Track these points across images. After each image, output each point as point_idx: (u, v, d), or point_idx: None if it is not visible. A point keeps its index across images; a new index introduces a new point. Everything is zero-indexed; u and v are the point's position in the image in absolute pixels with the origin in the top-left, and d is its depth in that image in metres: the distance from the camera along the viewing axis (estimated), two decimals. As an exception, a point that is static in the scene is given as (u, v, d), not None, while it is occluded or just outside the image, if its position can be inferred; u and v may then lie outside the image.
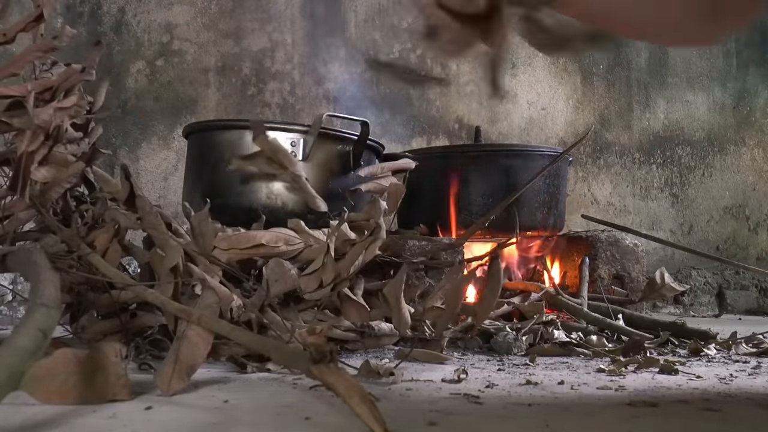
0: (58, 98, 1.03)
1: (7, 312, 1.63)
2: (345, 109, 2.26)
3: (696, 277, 2.77)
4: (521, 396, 0.69)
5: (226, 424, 0.55)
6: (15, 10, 1.85)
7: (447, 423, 0.55)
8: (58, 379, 0.58)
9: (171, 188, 2.10)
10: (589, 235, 1.70)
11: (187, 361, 0.69)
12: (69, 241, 0.92)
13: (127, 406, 0.60)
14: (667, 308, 2.63)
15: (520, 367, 0.92)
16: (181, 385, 0.67)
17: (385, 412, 0.50)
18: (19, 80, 1.05)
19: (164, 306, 0.78)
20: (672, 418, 0.60)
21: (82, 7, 2.08)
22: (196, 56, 2.19)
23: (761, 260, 3.00)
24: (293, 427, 0.54)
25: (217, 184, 1.41)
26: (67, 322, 1.03)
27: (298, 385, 0.73)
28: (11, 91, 0.97)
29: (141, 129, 2.11)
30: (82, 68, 1.08)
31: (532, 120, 2.65)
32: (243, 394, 0.67)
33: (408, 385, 0.75)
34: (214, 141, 1.44)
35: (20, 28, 1.05)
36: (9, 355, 0.50)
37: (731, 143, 2.95)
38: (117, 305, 0.96)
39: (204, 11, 2.21)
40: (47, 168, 0.99)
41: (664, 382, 0.80)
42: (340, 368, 0.54)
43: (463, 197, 1.60)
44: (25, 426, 0.53)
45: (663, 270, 1.22)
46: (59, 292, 0.65)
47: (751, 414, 0.63)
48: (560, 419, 0.58)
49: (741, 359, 1.03)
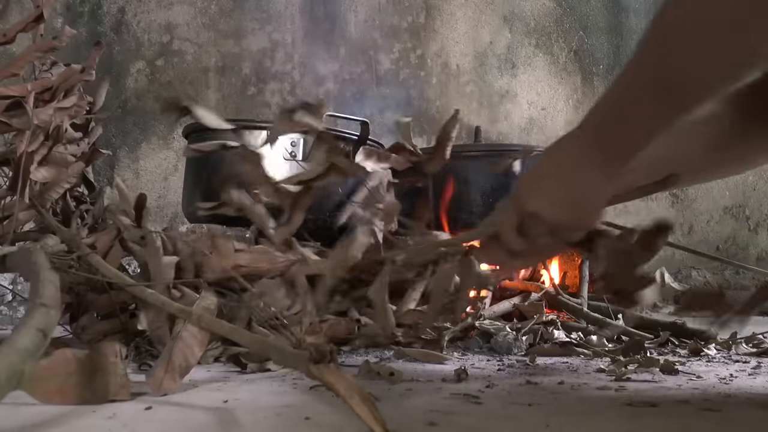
0: (58, 98, 1.03)
1: (7, 312, 1.63)
2: (345, 109, 2.26)
3: (696, 277, 2.77)
4: (521, 396, 0.69)
5: (226, 424, 0.55)
6: (15, 10, 1.85)
7: (447, 423, 0.55)
8: (58, 379, 0.58)
9: (171, 188, 2.10)
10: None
11: (181, 362, 0.69)
12: (69, 242, 0.92)
13: (127, 406, 0.60)
14: (667, 308, 2.63)
15: (520, 367, 0.92)
16: (173, 385, 0.67)
17: (385, 412, 0.50)
18: (19, 80, 1.05)
19: (165, 306, 0.78)
20: (672, 418, 0.60)
21: (82, 7, 2.08)
22: (196, 56, 2.19)
23: (761, 260, 3.00)
24: (293, 427, 0.54)
25: (217, 185, 1.41)
26: (67, 322, 1.03)
27: (298, 385, 0.73)
28: (11, 91, 0.97)
29: (141, 129, 2.11)
30: (82, 68, 1.08)
31: (532, 120, 2.65)
32: (243, 394, 0.67)
33: (408, 385, 0.75)
34: (214, 141, 1.44)
35: (20, 28, 1.05)
36: (9, 355, 0.50)
37: (731, 143, 2.95)
38: (117, 305, 0.96)
39: (204, 11, 2.21)
40: (47, 168, 0.99)
41: (664, 382, 0.80)
42: (340, 368, 0.54)
43: (464, 197, 1.60)
44: (25, 426, 0.53)
45: (663, 270, 1.22)
46: (59, 292, 0.65)
47: (751, 414, 0.63)
48: (560, 419, 0.58)
49: (741, 359, 1.03)
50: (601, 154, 0.72)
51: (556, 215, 0.74)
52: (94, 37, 2.04)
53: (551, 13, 2.77)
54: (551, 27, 2.76)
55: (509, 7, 2.69)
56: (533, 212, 0.75)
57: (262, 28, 2.25)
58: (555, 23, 2.77)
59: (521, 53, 2.69)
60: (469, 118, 2.55)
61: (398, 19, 2.48)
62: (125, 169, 2.07)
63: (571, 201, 0.74)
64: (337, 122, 2.03)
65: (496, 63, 2.65)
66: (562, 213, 0.74)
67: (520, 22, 2.71)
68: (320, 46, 2.35)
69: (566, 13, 2.79)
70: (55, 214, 1.04)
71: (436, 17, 2.56)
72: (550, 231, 0.76)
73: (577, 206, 0.75)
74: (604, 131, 0.73)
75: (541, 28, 2.74)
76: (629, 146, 0.72)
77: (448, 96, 2.54)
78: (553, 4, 2.77)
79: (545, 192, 0.75)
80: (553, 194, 0.75)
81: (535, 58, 2.71)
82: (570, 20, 2.79)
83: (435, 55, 2.54)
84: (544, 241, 0.76)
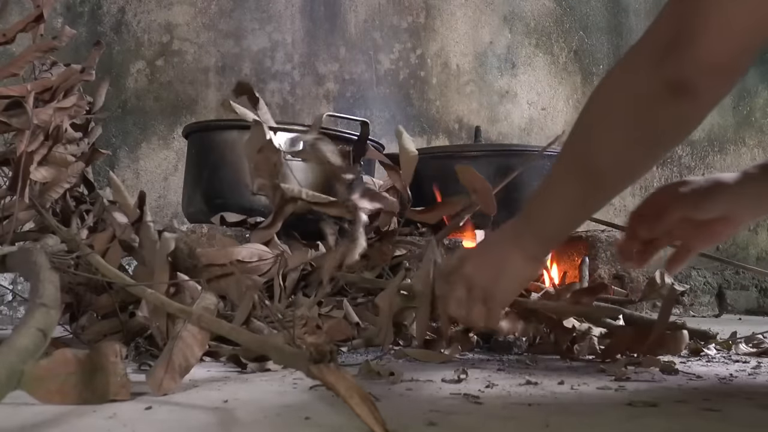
0: (58, 98, 1.03)
1: (7, 312, 1.63)
2: (345, 109, 2.26)
3: (696, 277, 2.77)
4: (521, 396, 0.69)
5: (226, 424, 0.55)
6: (15, 10, 1.85)
7: (447, 423, 0.55)
8: (58, 379, 0.58)
9: (171, 188, 2.10)
10: (588, 235, 1.70)
11: (181, 362, 0.69)
12: (69, 241, 0.92)
13: (127, 406, 0.60)
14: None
15: (520, 367, 0.92)
16: (173, 385, 0.67)
17: (385, 412, 0.50)
18: (19, 80, 1.05)
19: (164, 306, 0.78)
20: (672, 418, 0.60)
21: (82, 7, 2.08)
22: (196, 56, 2.19)
23: (761, 260, 3.00)
24: (293, 427, 0.54)
25: (217, 184, 1.41)
26: (67, 322, 1.03)
27: (298, 385, 0.73)
28: (11, 91, 0.97)
29: (141, 129, 2.11)
30: (81, 68, 1.08)
31: (532, 120, 2.65)
32: (243, 394, 0.67)
33: (408, 385, 0.75)
34: (214, 141, 1.44)
35: (20, 28, 1.05)
36: (9, 355, 0.50)
37: (731, 143, 2.95)
38: (116, 305, 0.96)
39: (204, 11, 2.21)
40: (47, 168, 0.99)
41: (664, 382, 0.80)
42: (340, 368, 0.54)
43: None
44: (25, 426, 0.53)
45: (663, 270, 1.22)
46: (59, 292, 0.65)
47: (751, 414, 0.63)
48: (560, 419, 0.58)
49: (741, 359, 1.03)
50: (529, 235, 0.80)
51: (480, 280, 0.83)
52: (94, 37, 2.04)
53: (551, 13, 2.77)
54: (551, 27, 2.76)
55: (509, 7, 2.69)
56: (466, 275, 0.84)
57: (262, 28, 2.25)
58: (555, 23, 2.77)
59: (521, 53, 2.69)
60: (469, 118, 2.55)
61: (398, 19, 2.48)
62: (125, 169, 2.07)
63: (493, 269, 0.83)
64: (338, 122, 2.03)
65: (496, 63, 2.65)
66: (485, 279, 0.83)
67: (520, 22, 2.71)
68: (320, 46, 2.35)
69: (566, 13, 2.79)
70: (55, 214, 1.04)
71: (436, 17, 2.56)
72: (482, 298, 0.84)
73: (496, 275, 0.83)
74: (529, 214, 0.81)
75: (541, 28, 2.75)
76: (550, 228, 0.80)
77: (448, 96, 2.55)
78: (553, 4, 2.77)
79: (476, 257, 0.85)
80: (481, 260, 0.84)
81: (535, 58, 2.71)
82: (570, 20, 2.79)
83: (435, 55, 2.54)
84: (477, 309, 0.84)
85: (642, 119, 0.66)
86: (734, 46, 0.59)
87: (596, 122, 0.72)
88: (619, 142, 0.69)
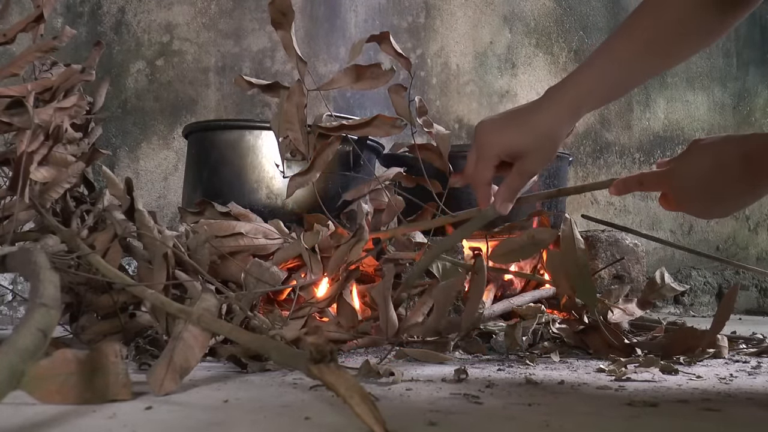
0: (58, 98, 1.03)
1: (7, 312, 1.63)
2: (345, 110, 2.26)
3: (696, 277, 2.77)
4: (521, 396, 0.69)
5: (226, 424, 0.55)
6: (15, 10, 1.85)
7: (447, 423, 0.55)
8: (58, 379, 0.58)
9: (171, 188, 2.10)
10: (589, 235, 1.70)
11: (181, 362, 0.69)
12: (69, 241, 0.92)
13: (127, 406, 0.60)
14: (667, 308, 2.63)
15: (520, 367, 0.92)
16: (174, 386, 0.67)
17: (385, 412, 0.50)
18: (19, 80, 1.05)
19: (165, 306, 0.78)
20: (672, 418, 0.60)
21: (82, 7, 2.08)
22: (196, 56, 2.19)
23: (761, 260, 3.00)
24: (293, 427, 0.54)
25: (217, 184, 1.41)
26: (67, 322, 1.03)
27: (298, 385, 0.73)
28: (11, 91, 0.97)
29: (141, 129, 2.11)
30: (82, 68, 1.08)
31: (532, 120, 2.65)
32: (243, 394, 0.67)
33: (408, 385, 0.75)
34: (214, 141, 1.44)
35: (20, 28, 1.05)
36: (9, 355, 0.50)
37: (731, 143, 2.95)
38: (117, 305, 0.96)
39: (204, 11, 2.21)
40: (47, 168, 0.99)
41: (664, 382, 0.80)
42: (340, 368, 0.54)
43: (464, 197, 1.60)
44: (25, 426, 0.53)
45: (663, 270, 1.22)
46: (59, 292, 0.65)
47: (751, 414, 0.63)
48: (560, 419, 0.58)
49: (741, 359, 1.03)
50: (569, 87, 0.79)
51: (512, 140, 0.80)
52: (94, 37, 2.04)
53: (551, 13, 2.77)
54: (551, 27, 2.76)
55: (509, 7, 2.69)
56: (492, 142, 0.81)
57: (262, 28, 2.25)
58: (555, 23, 2.77)
59: (521, 53, 2.69)
60: (469, 118, 2.55)
61: (398, 19, 2.48)
62: (125, 169, 2.07)
63: (522, 122, 0.80)
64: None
65: (496, 63, 2.65)
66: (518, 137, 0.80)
67: (520, 22, 2.71)
68: (320, 46, 2.35)
69: (566, 13, 2.79)
70: (55, 214, 1.04)
71: (436, 17, 2.56)
72: (512, 158, 0.81)
73: (530, 129, 0.79)
74: (568, 77, 0.80)
75: (541, 28, 2.74)
76: (592, 81, 0.79)
77: (448, 96, 2.55)
78: (553, 4, 2.77)
79: (502, 119, 0.83)
80: (508, 118, 0.82)
81: (535, 58, 2.71)
82: (570, 20, 2.79)
83: (435, 55, 2.54)
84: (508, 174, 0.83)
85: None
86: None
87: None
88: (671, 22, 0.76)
